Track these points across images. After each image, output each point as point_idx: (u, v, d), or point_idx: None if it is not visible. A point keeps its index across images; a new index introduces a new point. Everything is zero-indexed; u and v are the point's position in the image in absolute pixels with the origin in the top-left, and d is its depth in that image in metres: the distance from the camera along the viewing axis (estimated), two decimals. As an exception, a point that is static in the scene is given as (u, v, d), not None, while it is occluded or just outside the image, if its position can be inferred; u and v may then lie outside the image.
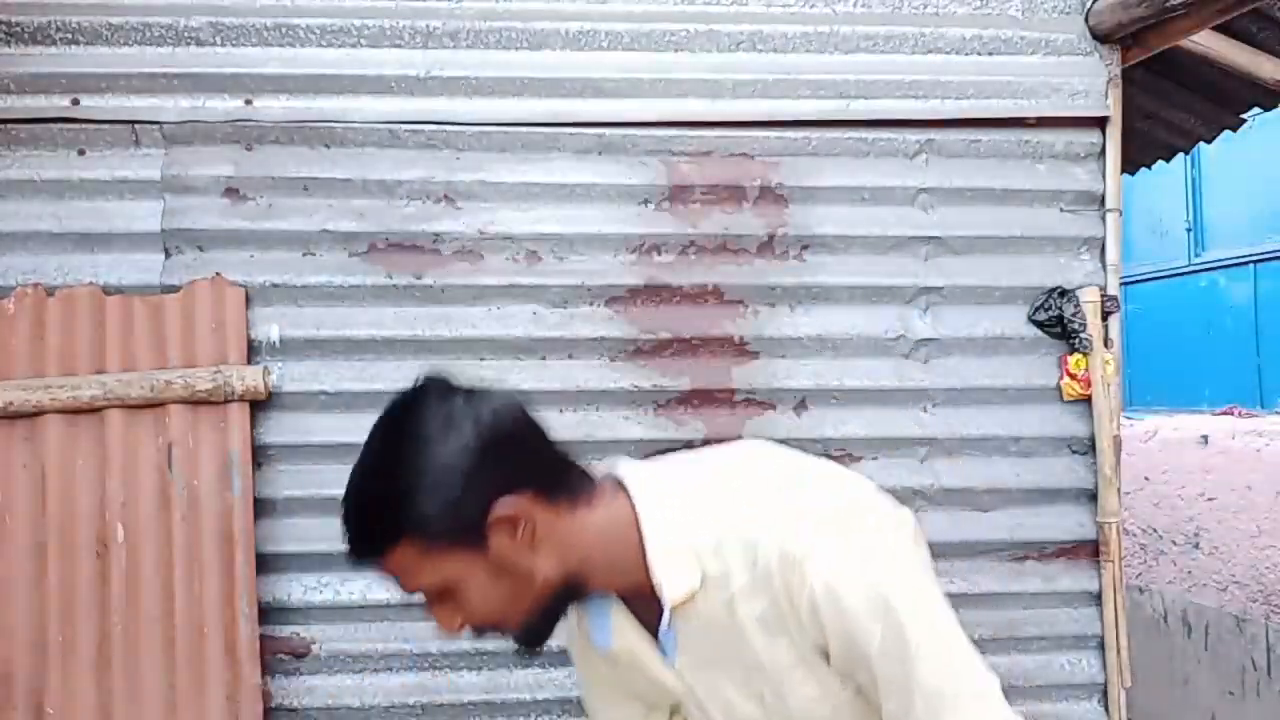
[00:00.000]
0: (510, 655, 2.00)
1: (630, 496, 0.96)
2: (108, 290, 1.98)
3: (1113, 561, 2.12)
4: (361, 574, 1.96)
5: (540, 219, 2.08)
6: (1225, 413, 4.95)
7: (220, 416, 1.96)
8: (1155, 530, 3.89)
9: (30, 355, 1.93)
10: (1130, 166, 3.27)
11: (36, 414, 1.91)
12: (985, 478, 2.15)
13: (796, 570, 0.87)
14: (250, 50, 2.04)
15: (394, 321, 2.05)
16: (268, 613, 1.99)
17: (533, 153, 2.08)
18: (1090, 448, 2.15)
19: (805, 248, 2.13)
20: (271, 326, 2.02)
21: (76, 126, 2.00)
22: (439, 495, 0.88)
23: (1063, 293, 2.14)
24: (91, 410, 1.93)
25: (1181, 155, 3.25)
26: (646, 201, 2.11)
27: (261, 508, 1.99)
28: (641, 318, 2.10)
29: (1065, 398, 2.15)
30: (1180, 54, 2.36)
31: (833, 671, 0.93)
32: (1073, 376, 2.14)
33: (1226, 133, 2.95)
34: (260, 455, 2.00)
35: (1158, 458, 3.89)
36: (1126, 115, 2.24)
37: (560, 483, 0.95)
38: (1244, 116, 2.83)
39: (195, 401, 1.95)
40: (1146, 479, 3.92)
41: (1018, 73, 2.16)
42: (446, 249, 2.07)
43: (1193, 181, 6.93)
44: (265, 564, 1.99)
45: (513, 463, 0.91)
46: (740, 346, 2.12)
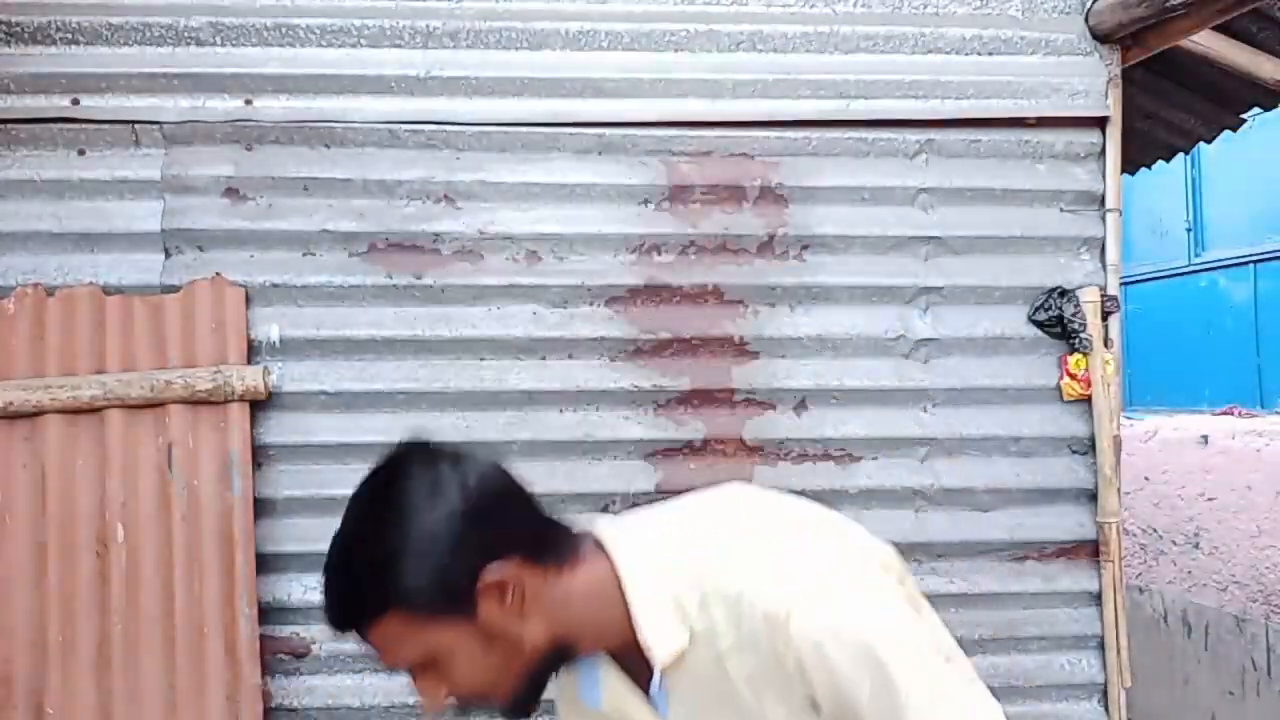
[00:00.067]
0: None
1: (610, 557, 0.95)
2: (108, 290, 1.98)
3: (1113, 561, 2.12)
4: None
5: (540, 219, 2.08)
6: (1225, 413, 4.96)
7: (220, 416, 1.96)
8: (1155, 530, 3.89)
9: (30, 355, 1.94)
10: (1130, 166, 3.27)
11: (36, 414, 1.91)
12: (985, 478, 2.15)
13: (781, 632, 0.87)
14: (250, 50, 2.04)
15: (394, 321, 2.05)
16: (268, 613, 1.99)
17: (533, 153, 2.09)
18: (1090, 448, 2.15)
19: (805, 248, 2.13)
20: (271, 326, 2.02)
21: (76, 126, 2.00)
22: (427, 564, 0.86)
23: (1063, 293, 2.14)
24: (91, 410, 1.93)
25: (1181, 155, 3.25)
26: (646, 201, 2.11)
27: (261, 508, 1.99)
28: (641, 318, 2.10)
29: (1065, 398, 2.15)
30: (1180, 54, 2.36)
31: None
32: (1073, 376, 2.14)
33: (1226, 133, 2.95)
34: (260, 455, 2.00)
35: (1158, 458, 3.89)
36: (1126, 115, 2.24)
37: (546, 545, 0.94)
38: (1244, 116, 2.84)
39: (195, 401, 1.95)
40: (1146, 479, 3.92)
41: (1018, 73, 2.16)
42: (446, 249, 2.07)
43: (1193, 181, 6.93)
44: (265, 564, 1.99)
45: (500, 527, 0.90)
46: (740, 346, 2.12)
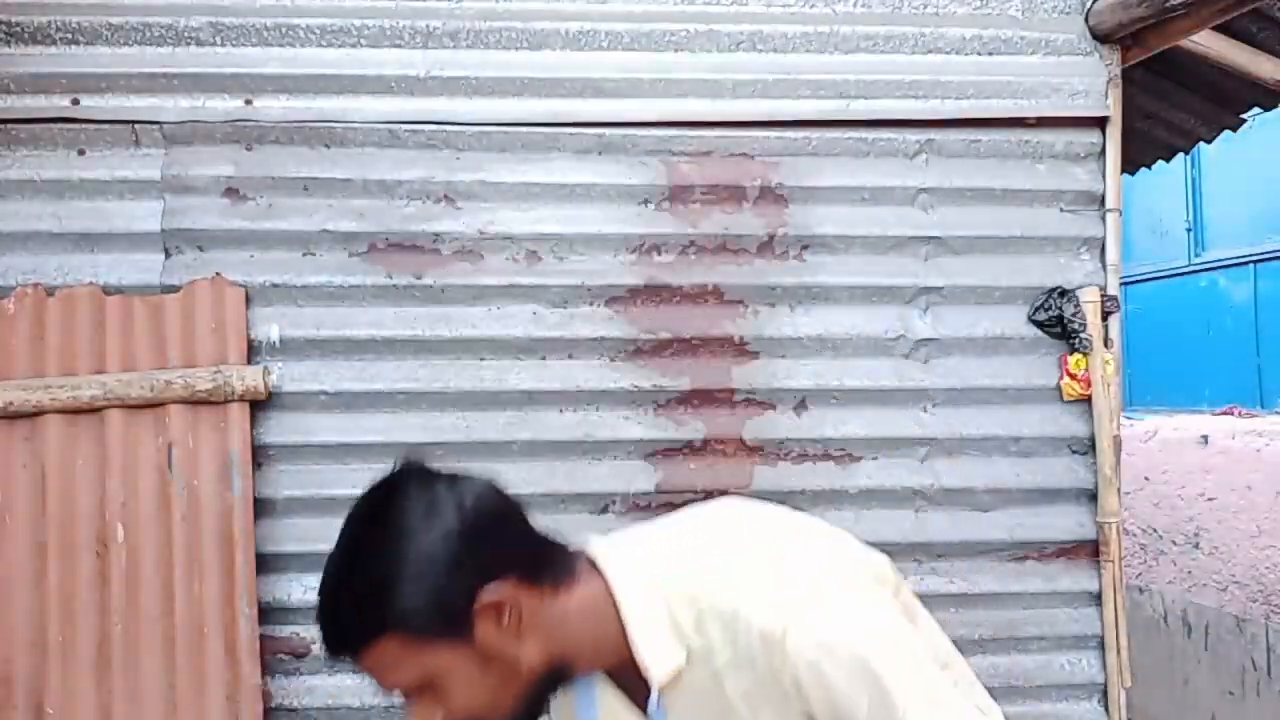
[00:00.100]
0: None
1: (605, 576, 0.95)
2: (108, 290, 1.98)
3: (1113, 561, 2.12)
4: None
5: (540, 219, 2.08)
6: (1225, 413, 4.96)
7: (220, 416, 1.96)
8: (1155, 530, 3.89)
9: (30, 355, 1.94)
10: (1130, 166, 3.27)
11: (36, 414, 1.91)
12: (985, 478, 2.15)
13: (778, 651, 0.87)
14: (250, 50, 2.04)
15: (394, 321, 2.05)
16: (268, 613, 1.99)
17: (533, 153, 2.09)
18: (1090, 448, 2.15)
19: (805, 248, 2.13)
20: (271, 326, 2.02)
21: (76, 126, 2.00)
22: (424, 586, 0.85)
23: (1063, 293, 2.14)
24: (91, 410, 1.93)
25: (1181, 155, 3.25)
26: (646, 201, 2.11)
27: (261, 508, 1.99)
28: (641, 318, 2.10)
29: (1065, 398, 2.15)
30: (1180, 54, 2.36)
31: None
32: (1073, 376, 2.14)
33: (1226, 133, 2.95)
34: (260, 455, 2.00)
35: (1158, 458, 3.89)
36: (1126, 115, 2.24)
37: (542, 565, 0.94)
38: (1244, 116, 2.84)
39: (195, 401, 1.95)
40: (1146, 479, 3.92)
41: (1018, 73, 2.16)
42: (446, 249, 2.07)
43: (1193, 181, 6.93)
44: (265, 564, 1.99)
45: (497, 548, 0.90)
46: (740, 346, 2.12)
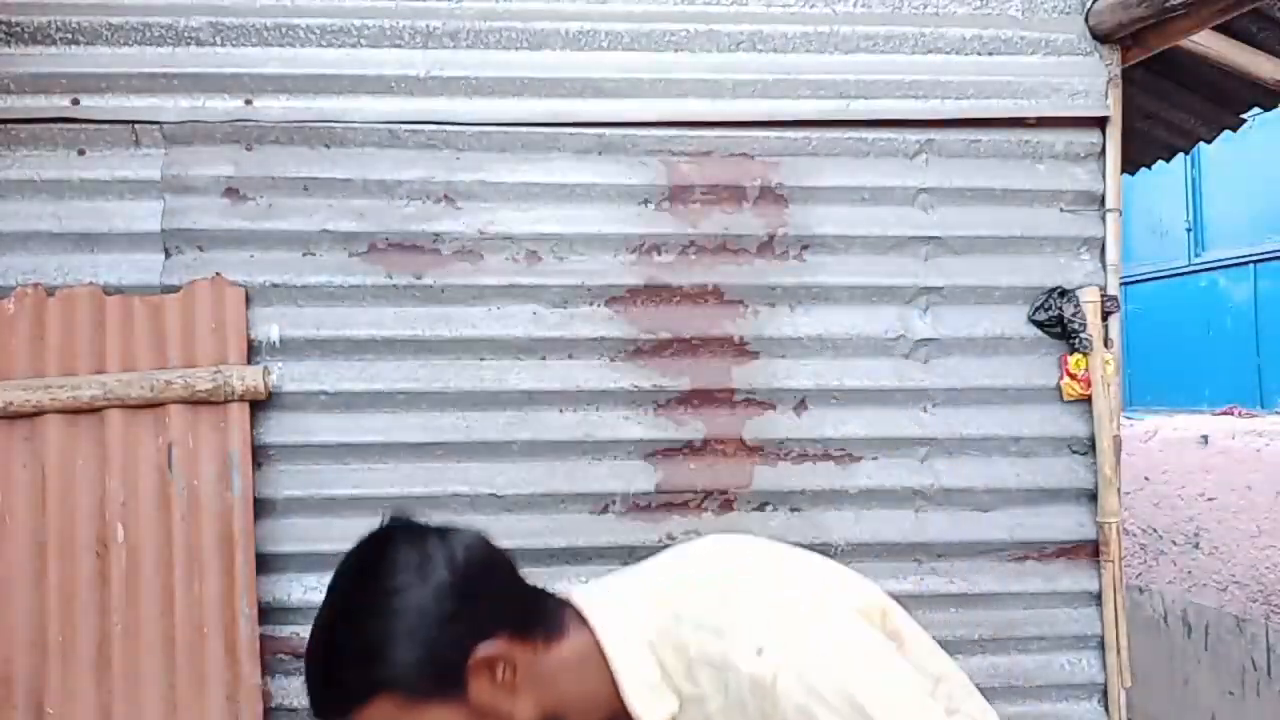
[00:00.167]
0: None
1: (592, 628, 0.95)
2: (108, 290, 1.98)
3: (1113, 561, 2.12)
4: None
5: (540, 219, 2.08)
6: (1225, 413, 4.96)
7: (220, 416, 1.96)
8: (1155, 530, 3.89)
9: (30, 355, 1.93)
10: (1130, 166, 3.27)
11: (36, 414, 1.91)
12: (985, 478, 2.15)
13: (768, 696, 0.87)
14: (250, 50, 2.04)
15: (394, 321, 2.05)
16: (268, 613, 1.99)
17: (533, 153, 2.09)
18: (1090, 448, 2.15)
19: (805, 248, 2.13)
20: (271, 326, 2.02)
21: (76, 126, 2.00)
22: (417, 644, 0.85)
23: (1063, 293, 2.14)
24: (91, 410, 1.93)
25: (1181, 155, 3.25)
26: (646, 201, 2.11)
27: (261, 508, 1.99)
28: (641, 318, 2.10)
29: (1065, 398, 2.15)
30: (1180, 54, 2.36)
31: None
32: (1073, 376, 2.14)
33: (1226, 133, 2.95)
34: (260, 455, 2.00)
35: (1158, 458, 3.89)
36: (1126, 115, 2.24)
37: (532, 619, 0.93)
38: (1244, 116, 2.83)
39: (195, 401, 1.95)
40: (1146, 479, 3.92)
41: (1018, 73, 2.16)
42: (446, 249, 2.07)
43: (1193, 181, 6.93)
44: (265, 564, 1.98)
45: (488, 603, 0.89)
46: (740, 346, 2.12)
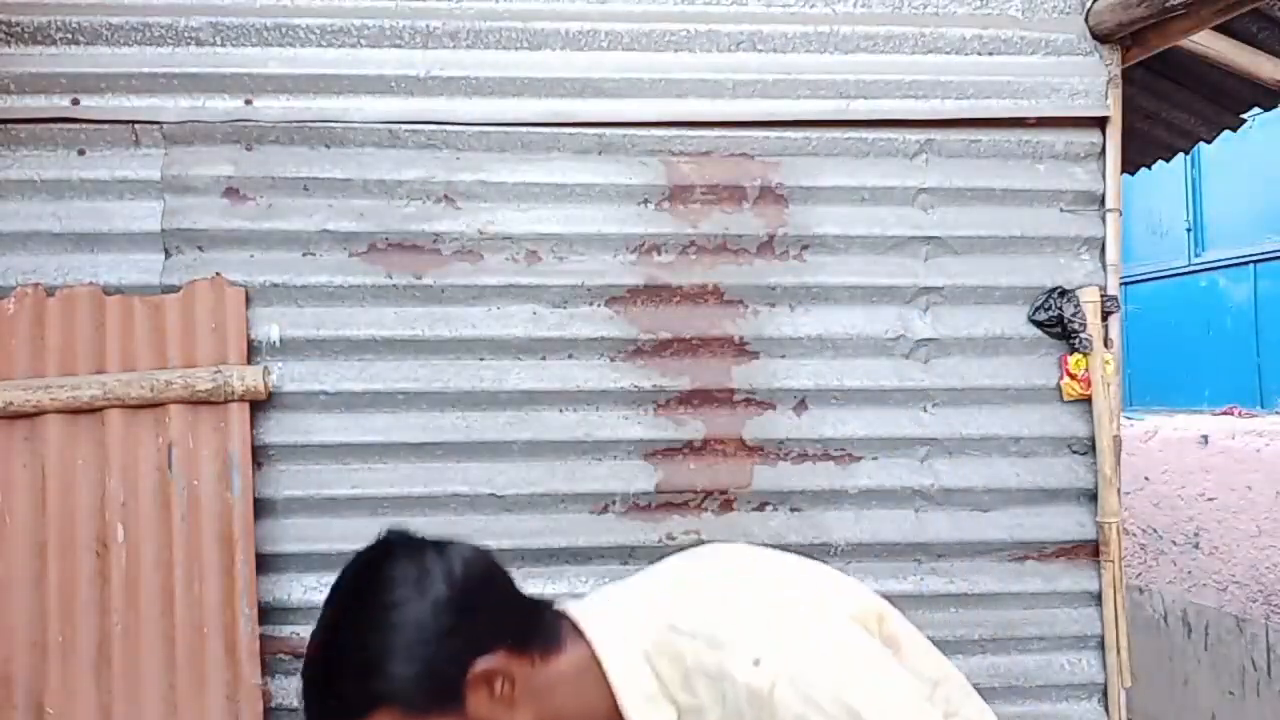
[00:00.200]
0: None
1: (589, 641, 0.95)
2: (108, 290, 1.98)
3: (1113, 561, 2.12)
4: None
5: (540, 219, 2.08)
6: (1225, 413, 4.96)
7: (220, 416, 1.96)
8: (1155, 530, 3.90)
9: (30, 355, 1.93)
10: (1130, 166, 3.27)
11: (36, 414, 1.91)
12: (985, 478, 2.15)
13: (766, 707, 0.87)
14: (250, 50, 2.04)
15: (394, 321, 2.05)
16: (268, 613, 1.99)
17: (533, 153, 2.09)
18: (1090, 448, 2.15)
19: (805, 248, 2.13)
20: (271, 326, 2.02)
21: (76, 126, 2.00)
22: (415, 658, 0.85)
23: (1063, 293, 2.14)
24: (91, 410, 1.93)
25: (1181, 155, 3.25)
26: (646, 201, 2.11)
27: (261, 508, 1.99)
28: (641, 318, 2.10)
29: (1065, 398, 2.15)
30: (1180, 54, 2.36)
31: None
32: (1073, 376, 2.14)
33: (1226, 133, 2.95)
34: (260, 455, 2.00)
35: (1158, 458, 3.89)
36: (1126, 115, 2.24)
37: (530, 632, 0.94)
38: (1244, 116, 2.84)
39: (195, 401, 1.95)
40: (1146, 479, 3.92)
41: (1018, 73, 2.16)
42: (446, 249, 2.07)
43: (1193, 181, 6.92)
44: (265, 564, 1.99)
45: (486, 617, 0.90)
46: (740, 346, 2.12)
